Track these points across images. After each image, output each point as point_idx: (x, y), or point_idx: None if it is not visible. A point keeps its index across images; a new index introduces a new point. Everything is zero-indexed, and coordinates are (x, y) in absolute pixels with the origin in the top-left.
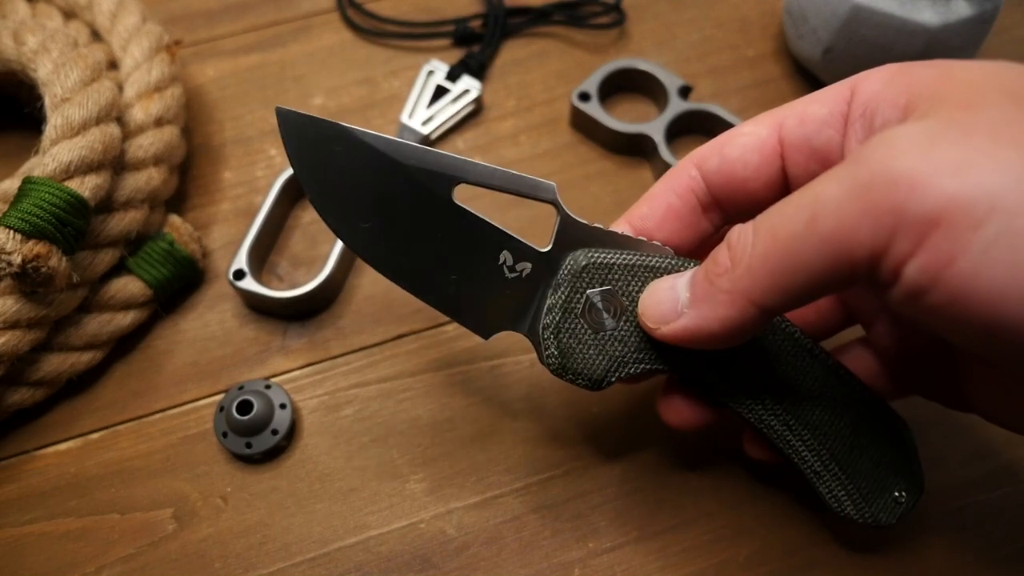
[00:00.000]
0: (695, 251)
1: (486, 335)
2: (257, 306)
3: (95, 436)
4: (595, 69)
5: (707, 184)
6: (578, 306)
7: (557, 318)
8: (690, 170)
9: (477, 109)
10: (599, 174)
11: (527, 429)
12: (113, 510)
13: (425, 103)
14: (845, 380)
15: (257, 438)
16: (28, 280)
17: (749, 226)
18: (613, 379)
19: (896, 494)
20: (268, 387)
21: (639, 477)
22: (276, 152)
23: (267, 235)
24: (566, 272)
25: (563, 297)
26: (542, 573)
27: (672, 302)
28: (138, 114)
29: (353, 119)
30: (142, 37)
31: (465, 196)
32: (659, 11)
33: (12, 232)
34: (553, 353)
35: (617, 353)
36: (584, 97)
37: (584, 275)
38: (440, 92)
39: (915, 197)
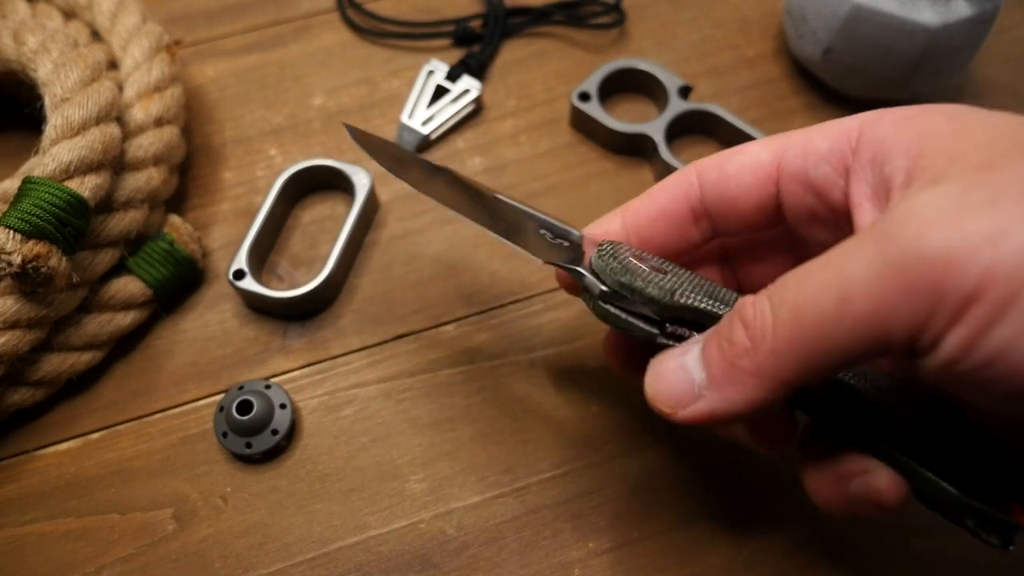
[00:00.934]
0: (678, 257)
1: (539, 261)
2: (257, 306)
3: (95, 436)
4: (595, 69)
5: (703, 194)
6: (625, 253)
7: (609, 250)
8: (691, 176)
9: (477, 109)
10: (599, 174)
11: (527, 429)
12: (113, 510)
13: (425, 103)
14: (922, 402)
15: (257, 438)
16: (28, 280)
17: (764, 302)
18: (683, 300)
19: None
20: (268, 387)
21: (639, 477)
22: (276, 152)
23: (267, 235)
24: (604, 243)
25: (608, 248)
26: (542, 573)
27: (686, 383)
28: (138, 114)
29: (353, 119)
30: (142, 37)
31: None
32: (659, 11)
33: (12, 232)
34: (615, 267)
35: (679, 284)
36: (584, 97)
37: (619, 245)
38: (440, 92)
39: (953, 274)
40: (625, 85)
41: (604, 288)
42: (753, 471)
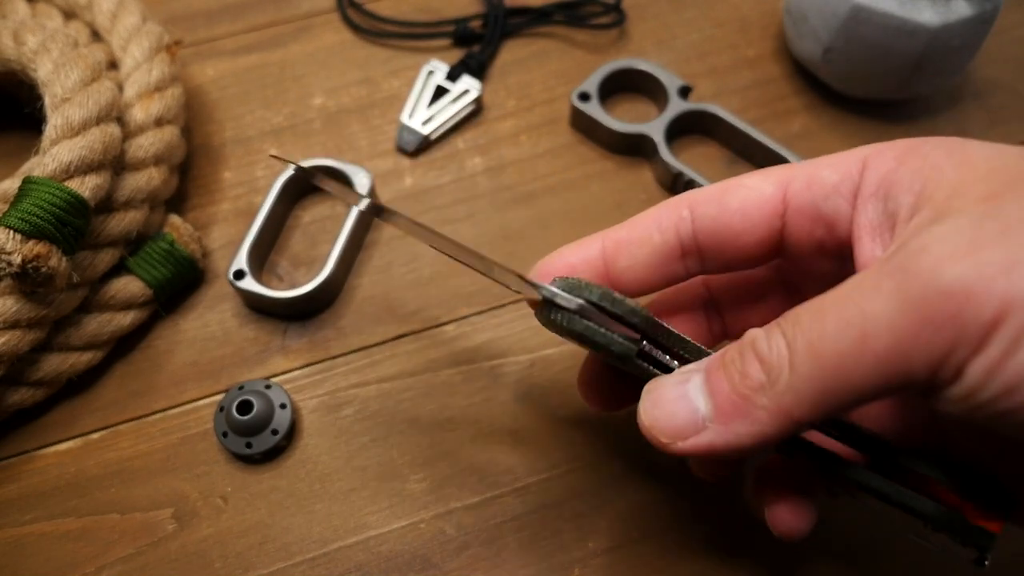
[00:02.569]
0: (655, 289)
1: (536, 295)
2: (257, 306)
3: (95, 436)
4: (595, 69)
5: (696, 229)
6: (588, 285)
7: (570, 281)
8: (682, 210)
9: (477, 109)
10: (599, 174)
11: (527, 429)
12: (113, 510)
13: (425, 103)
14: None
15: (257, 438)
16: (28, 280)
17: (778, 336)
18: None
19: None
20: (268, 387)
21: (639, 477)
22: (276, 152)
23: (267, 235)
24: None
25: (566, 282)
26: (542, 573)
27: (689, 413)
28: (138, 114)
29: (353, 119)
30: (142, 37)
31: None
32: (659, 11)
33: (12, 232)
34: (580, 283)
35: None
36: (584, 97)
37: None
38: (440, 92)
39: (972, 306)
40: (625, 85)
41: (581, 301)
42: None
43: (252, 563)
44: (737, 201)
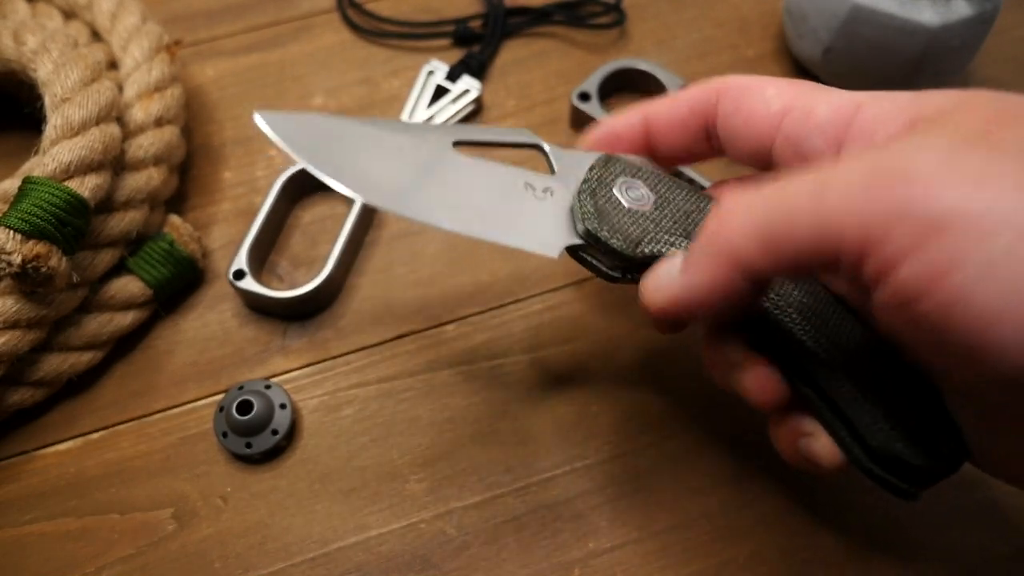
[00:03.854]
0: (686, 161)
1: (553, 252)
2: (257, 306)
3: (95, 436)
4: (595, 69)
5: (717, 117)
6: (611, 182)
7: (593, 185)
8: (712, 96)
9: (477, 109)
10: None
11: (527, 429)
12: (113, 510)
13: (425, 103)
14: (876, 339)
15: (257, 438)
16: (28, 280)
17: (743, 194)
18: (647, 250)
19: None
20: (268, 387)
21: (639, 477)
22: (276, 152)
23: (267, 235)
24: (597, 162)
25: (597, 175)
26: (542, 573)
27: (668, 277)
28: (138, 114)
29: None
30: (142, 37)
31: None
32: (659, 11)
33: (12, 232)
34: (589, 210)
35: (650, 229)
36: (584, 97)
37: (613, 164)
38: (440, 92)
39: (926, 195)
40: (625, 85)
41: (577, 238)
42: (753, 471)
43: (252, 563)
44: (747, 107)
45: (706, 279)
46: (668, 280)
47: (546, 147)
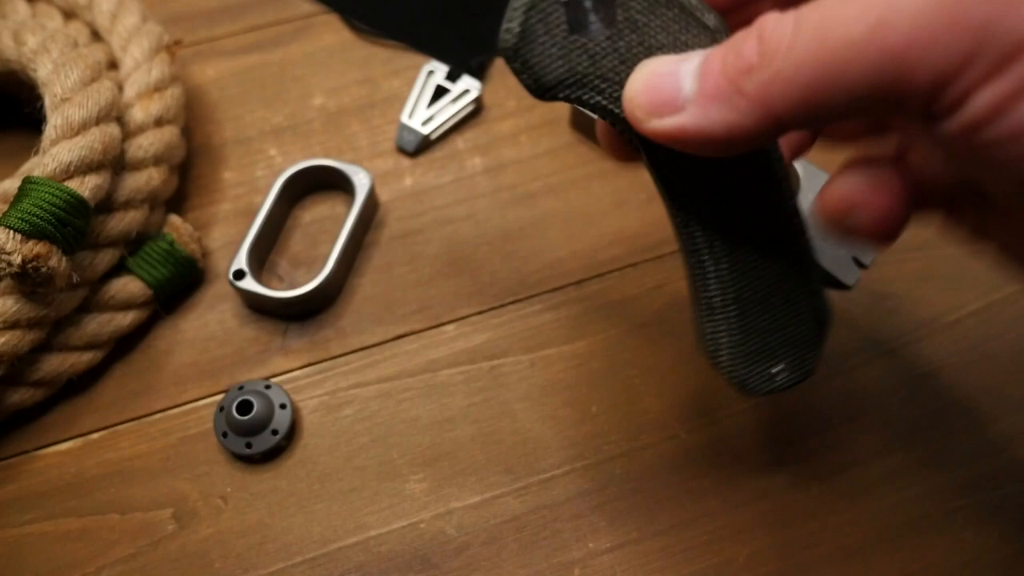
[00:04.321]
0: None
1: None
2: (257, 306)
3: (95, 436)
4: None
5: None
6: None
7: None
8: None
9: (477, 109)
10: (599, 174)
11: (527, 429)
12: (113, 510)
13: (425, 103)
14: (796, 231)
15: (257, 438)
16: (28, 280)
17: (789, 18)
18: (561, 95)
19: (776, 368)
20: (268, 387)
21: (639, 477)
22: (276, 152)
23: (267, 235)
24: None
25: None
26: (542, 573)
27: (672, 91)
28: (138, 114)
29: (353, 119)
30: (142, 37)
31: None
32: None
33: (12, 232)
34: (512, 28)
35: (581, 69)
36: None
37: None
38: (440, 92)
39: (1009, 17)
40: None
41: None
42: (753, 471)
43: (252, 563)
44: None
45: (730, 121)
46: (673, 103)
47: None
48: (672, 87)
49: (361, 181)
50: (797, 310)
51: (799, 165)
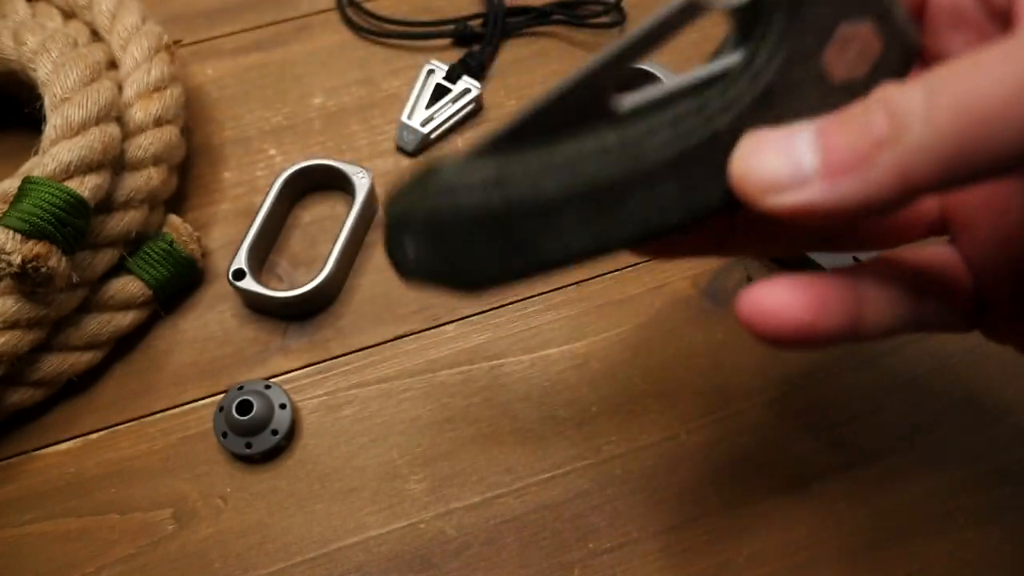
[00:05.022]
0: None
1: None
2: (257, 306)
3: (95, 436)
4: None
5: None
6: None
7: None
8: None
9: (477, 109)
10: None
11: (527, 429)
12: (113, 510)
13: (425, 103)
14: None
15: (257, 438)
16: (28, 280)
17: (917, 88)
18: None
19: (412, 242)
20: (268, 387)
21: (639, 477)
22: (276, 152)
23: (267, 235)
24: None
25: None
26: (542, 573)
27: (791, 165)
28: (138, 114)
29: (353, 119)
30: (142, 37)
31: None
32: None
33: (12, 232)
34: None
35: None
36: None
37: None
38: (440, 92)
39: None
40: (626, 85)
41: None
42: (753, 471)
43: (252, 563)
44: None
45: (861, 193)
46: (793, 178)
47: None
48: (791, 161)
49: (361, 181)
50: (498, 257)
51: (659, 71)
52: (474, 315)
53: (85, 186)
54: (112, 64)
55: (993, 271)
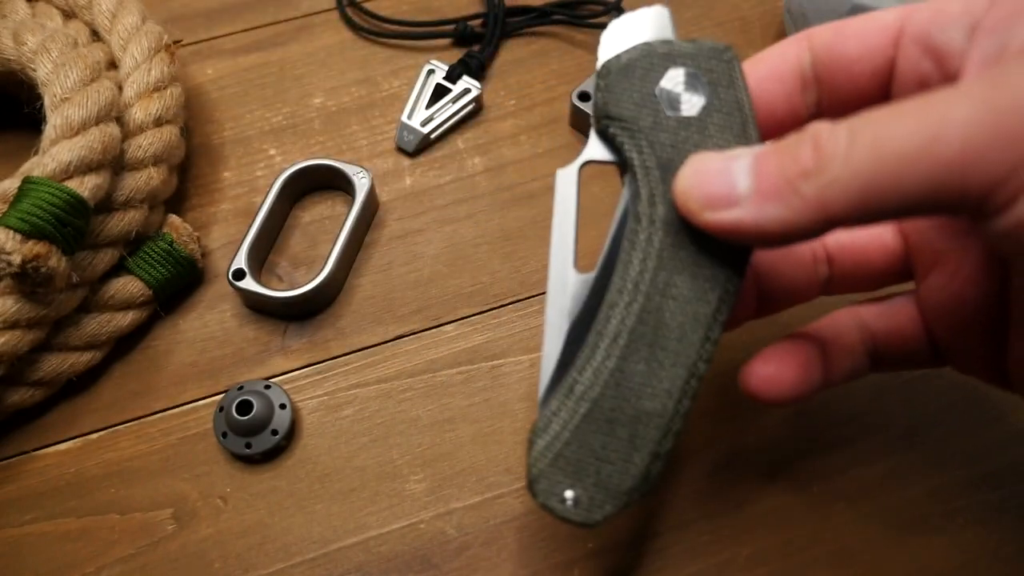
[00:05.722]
0: (774, 131)
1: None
2: (257, 306)
3: (95, 436)
4: (595, 69)
5: (814, 57)
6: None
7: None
8: (802, 41)
9: (477, 109)
10: (599, 174)
11: (527, 429)
12: (113, 510)
13: (425, 103)
14: (699, 359)
15: (257, 438)
16: (28, 280)
17: (843, 128)
18: (611, 129)
19: (571, 492)
20: (268, 387)
21: None
22: (276, 152)
23: (267, 235)
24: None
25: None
26: (542, 573)
27: (727, 186)
28: (138, 114)
29: (353, 119)
30: (142, 37)
31: None
32: None
33: (12, 232)
34: (619, 60)
35: (642, 123)
36: (584, 97)
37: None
38: (440, 92)
39: None
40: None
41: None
42: (753, 471)
43: (252, 563)
44: (854, 27)
45: (786, 219)
46: (727, 198)
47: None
48: (726, 183)
49: (361, 181)
50: (631, 454)
51: None
52: (474, 315)
53: (85, 186)
54: (112, 64)
55: (947, 323)
